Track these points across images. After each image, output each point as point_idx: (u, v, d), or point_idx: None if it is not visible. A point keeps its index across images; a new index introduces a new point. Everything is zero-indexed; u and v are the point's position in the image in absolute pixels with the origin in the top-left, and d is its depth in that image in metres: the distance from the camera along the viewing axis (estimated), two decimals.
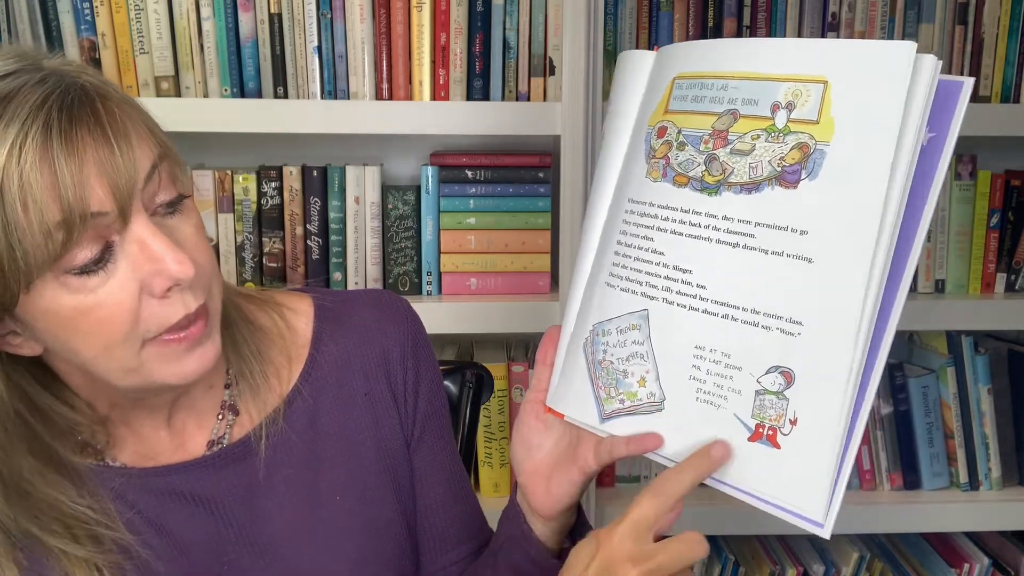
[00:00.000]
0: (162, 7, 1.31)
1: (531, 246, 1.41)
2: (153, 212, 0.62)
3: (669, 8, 1.40)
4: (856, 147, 0.57)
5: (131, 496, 0.70)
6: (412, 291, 1.43)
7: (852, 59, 0.58)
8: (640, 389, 0.65)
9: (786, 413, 0.59)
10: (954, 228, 1.47)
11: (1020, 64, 1.45)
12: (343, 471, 0.77)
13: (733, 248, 0.60)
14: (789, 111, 0.59)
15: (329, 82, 1.35)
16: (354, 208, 1.40)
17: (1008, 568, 1.54)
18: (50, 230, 0.56)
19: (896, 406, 1.48)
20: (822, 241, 0.58)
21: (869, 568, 1.56)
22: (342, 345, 0.79)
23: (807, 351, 0.58)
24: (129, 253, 0.60)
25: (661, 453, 0.65)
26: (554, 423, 0.73)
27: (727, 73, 0.62)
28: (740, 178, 0.60)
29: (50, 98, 0.57)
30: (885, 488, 1.51)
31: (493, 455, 1.45)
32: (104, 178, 0.57)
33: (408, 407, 0.80)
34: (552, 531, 0.75)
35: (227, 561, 0.72)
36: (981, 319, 1.46)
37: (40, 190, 0.55)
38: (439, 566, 0.82)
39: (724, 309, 0.61)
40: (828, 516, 0.60)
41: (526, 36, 1.36)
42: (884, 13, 1.42)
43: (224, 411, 0.75)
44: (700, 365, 0.62)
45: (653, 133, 0.66)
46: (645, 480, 1.54)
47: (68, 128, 0.57)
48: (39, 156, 0.55)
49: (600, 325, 0.68)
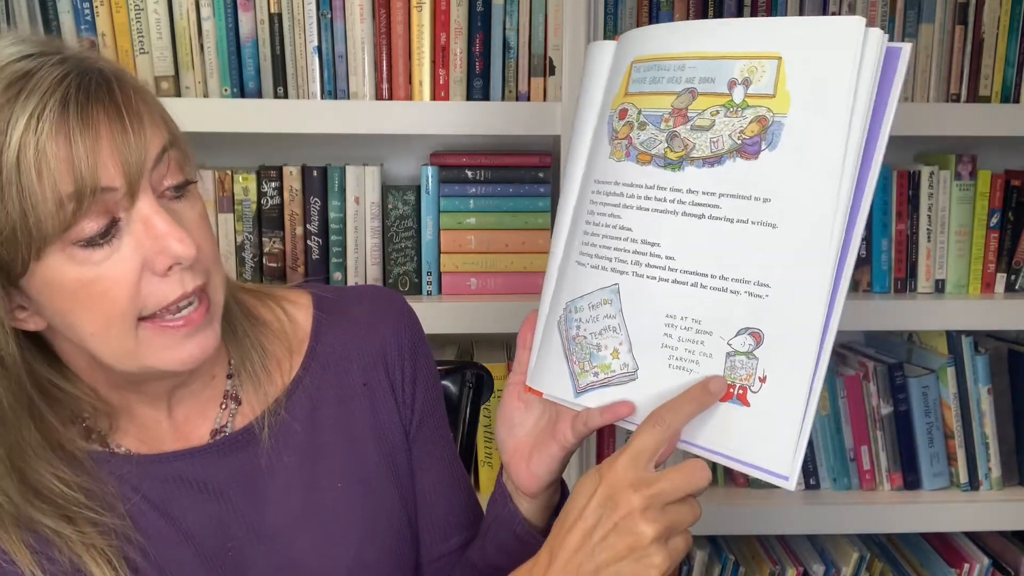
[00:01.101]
0: (162, 7, 1.31)
1: (531, 246, 1.41)
2: (160, 195, 0.64)
3: (669, 8, 1.40)
4: (812, 117, 0.60)
5: (136, 482, 0.71)
6: (412, 291, 1.43)
7: (805, 35, 0.61)
8: (614, 361, 0.68)
9: (755, 372, 0.62)
10: (954, 228, 1.47)
11: (1020, 64, 1.45)
12: (343, 459, 0.78)
13: (699, 219, 0.63)
14: (746, 87, 0.62)
15: (329, 82, 1.35)
16: (354, 208, 1.40)
17: (1008, 568, 1.54)
18: (62, 200, 0.58)
19: (896, 406, 1.48)
20: (784, 207, 0.61)
21: (869, 568, 1.56)
22: (341, 337, 0.81)
23: (776, 311, 0.61)
24: (134, 231, 0.62)
25: (635, 420, 0.67)
26: (534, 402, 0.75)
27: (683, 54, 0.65)
28: (702, 152, 0.63)
29: (69, 76, 0.60)
30: (885, 488, 1.51)
31: (493, 455, 1.45)
32: (116, 155, 0.60)
33: (406, 398, 0.82)
34: (537, 508, 0.77)
35: (231, 547, 0.73)
36: (981, 319, 1.46)
37: (55, 160, 0.58)
38: (437, 554, 0.84)
39: (693, 278, 0.64)
40: (793, 469, 0.62)
41: (526, 36, 1.36)
42: (884, 13, 1.42)
43: (227, 400, 0.76)
44: (671, 333, 0.65)
45: (615, 116, 0.69)
46: None
47: (85, 104, 0.59)
48: (56, 128, 0.58)
49: (573, 302, 0.70)
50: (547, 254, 1.40)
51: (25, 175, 0.58)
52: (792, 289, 0.61)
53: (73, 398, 0.69)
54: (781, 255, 0.61)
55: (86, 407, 0.70)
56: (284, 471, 0.76)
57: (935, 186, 1.45)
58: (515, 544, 0.77)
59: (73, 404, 0.70)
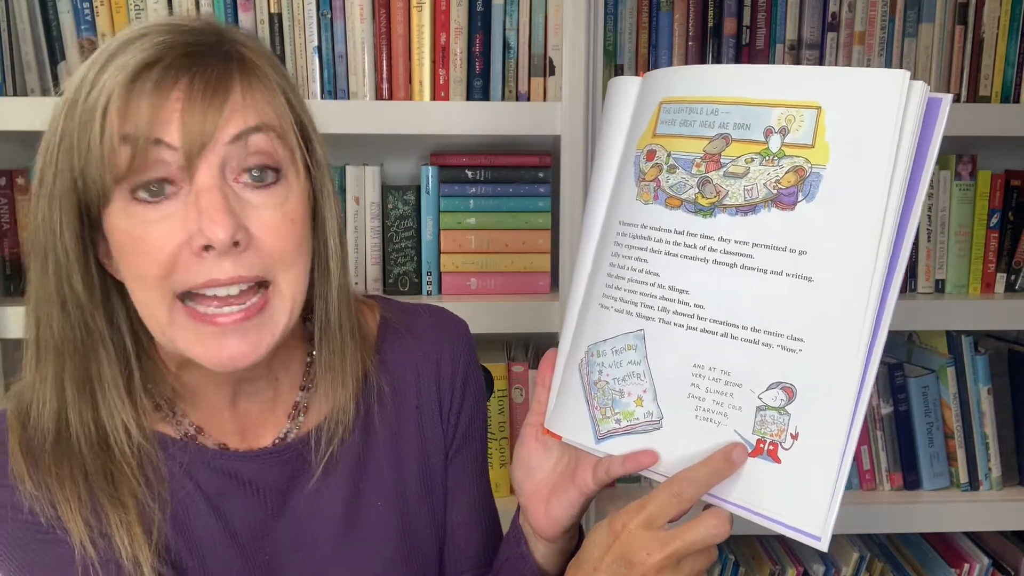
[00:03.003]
0: (162, 7, 1.31)
1: (531, 246, 1.41)
2: (236, 178, 0.64)
3: (669, 8, 1.40)
4: (853, 170, 0.59)
5: (194, 470, 0.72)
6: (412, 291, 1.43)
7: (847, 85, 0.60)
8: (637, 408, 0.66)
9: (787, 428, 0.60)
10: (954, 228, 1.47)
11: (1020, 64, 1.45)
12: (387, 478, 0.78)
13: (731, 268, 0.62)
14: (783, 135, 0.61)
15: (329, 82, 1.35)
16: (354, 208, 1.40)
17: (1008, 568, 1.54)
18: (116, 144, 0.60)
19: (896, 406, 1.48)
20: (822, 260, 0.59)
21: (869, 568, 1.56)
22: (400, 356, 0.81)
23: (809, 367, 0.60)
24: (187, 201, 0.62)
25: (658, 470, 0.66)
26: (553, 445, 0.74)
27: (716, 98, 0.64)
28: (735, 200, 0.62)
29: (167, 43, 0.62)
30: (885, 488, 1.51)
31: (493, 455, 1.45)
32: (182, 116, 0.61)
33: (451, 419, 0.82)
34: (552, 553, 0.76)
35: (270, 552, 0.74)
36: (981, 319, 1.46)
37: (121, 106, 0.60)
38: None
39: (723, 328, 0.62)
40: (825, 529, 0.60)
41: (526, 36, 1.36)
42: (884, 13, 1.42)
43: (297, 412, 0.76)
44: (699, 383, 0.63)
45: (642, 156, 0.67)
46: (645, 480, 1.53)
47: (173, 65, 0.61)
48: (135, 79, 0.61)
49: (595, 346, 0.68)
50: (547, 254, 1.41)
51: (96, 119, 0.61)
52: (827, 345, 0.59)
53: (147, 358, 0.70)
54: (817, 309, 0.59)
55: (158, 375, 0.71)
56: (331, 485, 0.76)
57: (935, 186, 1.45)
58: None
59: (148, 368, 0.70)
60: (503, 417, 1.44)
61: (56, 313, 0.65)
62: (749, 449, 0.62)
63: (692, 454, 0.64)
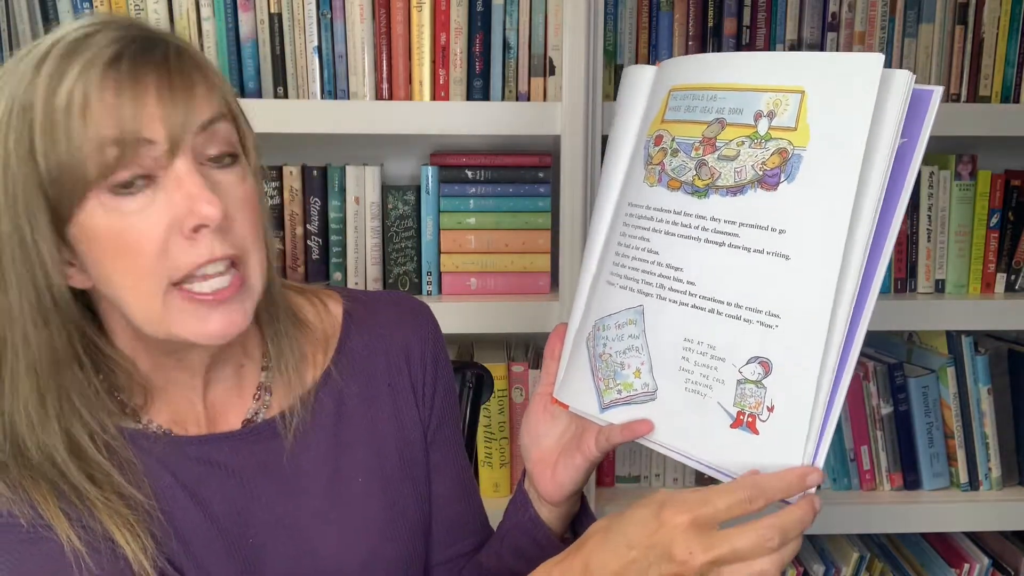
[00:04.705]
0: (162, 7, 1.31)
1: (531, 246, 1.41)
2: (202, 162, 0.65)
3: (669, 8, 1.40)
4: (827, 151, 0.61)
5: (167, 461, 0.72)
6: (412, 291, 1.43)
7: (826, 70, 0.62)
8: (635, 380, 0.70)
9: (764, 401, 0.63)
10: (954, 228, 1.47)
11: (1020, 64, 1.45)
12: (365, 455, 0.80)
13: (719, 247, 0.64)
14: (770, 119, 0.63)
15: (329, 82, 1.35)
16: (354, 208, 1.40)
17: (1008, 568, 1.54)
18: (104, 145, 0.61)
19: (896, 406, 1.48)
20: (797, 239, 0.61)
21: (869, 568, 1.56)
22: (368, 338, 0.83)
23: (784, 342, 0.62)
24: (167, 188, 0.63)
25: (653, 439, 0.69)
26: (560, 414, 0.77)
27: (716, 85, 0.67)
28: (726, 182, 0.65)
29: (124, 38, 0.63)
30: (885, 488, 1.51)
31: (493, 455, 1.45)
32: (161, 111, 0.62)
33: (426, 401, 0.85)
34: (557, 516, 0.80)
35: (252, 534, 0.75)
36: (981, 319, 1.46)
37: (100, 106, 0.61)
38: (446, 557, 0.86)
39: (711, 304, 0.65)
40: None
41: (526, 36, 1.36)
42: (884, 13, 1.42)
43: (260, 391, 0.78)
44: (688, 357, 0.66)
45: (651, 141, 0.71)
46: (645, 480, 1.54)
47: (136, 62, 0.62)
48: (104, 77, 0.61)
49: (601, 320, 0.72)
50: (547, 254, 1.41)
51: (73, 119, 0.60)
52: (798, 321, 0.61)
53: (114, 364, 0.71)
54: (791, 286, 0.62)
55: (123, 378, 0.72)
56: (308, 463, 0.77)
57: (935, 186, 1.45)
58: (535, 550, 0.78)
59: (112, 374, 0.71)
60: (503, 417, 1.44)
61: (32, 330, 0.65)
62: (730, 421, 0.64)
63: (681, 425, 0.67)
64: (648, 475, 1.53)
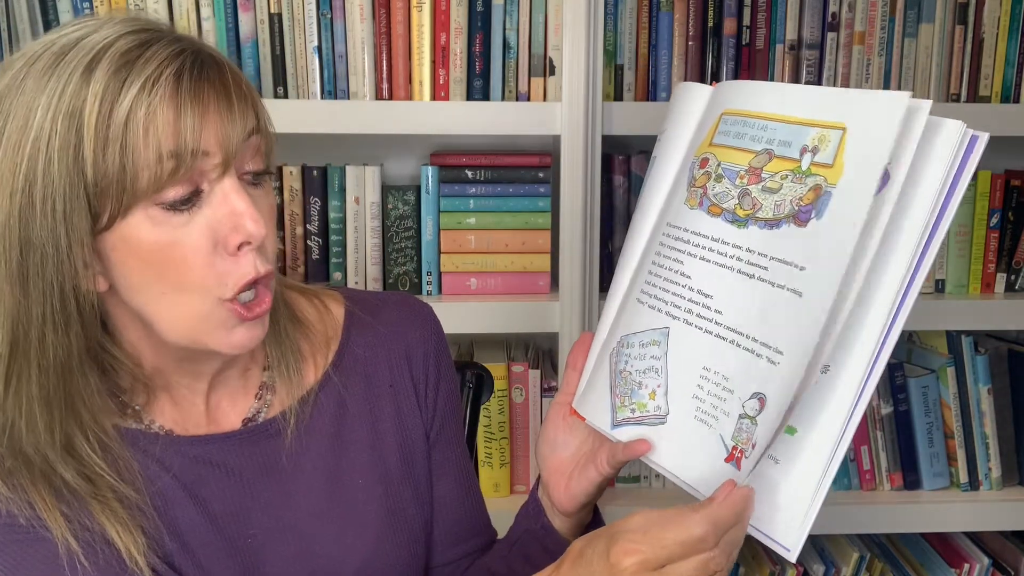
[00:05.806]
0: (162, 7, 1.31)
1: (531, 246, 1.41)
2: (240, 176, 0.66)
3: (669, 8, 1.40)
4: (847, 191, 0.60)
5: (166, 461, 0.73)
6: (412, 291, 1.43)
7: (860, 107, 0.61)
8: (650, 402, 0.69)
9: (752, 437, 0.62)
10: (954, 228, 1.47)
11: (1020, 64, 1.45)
12: (366, 455, 0.80)
13: (749, 279, 0.64)
14: (813, 154, 0.62)
15: (329, 82, 1.35)
16: (354, 208, 1.40)
17: (1008, 568, 1.54)
18: (162, 157, 0.61)
19: (896, 406, 1.48)
20: (812, 277, 0.61)
21: (869, 568, 1.56)
22: (369, 339, 0.83)
23: (779, 380, 0.61)
24: (213, 203, 0.64)
25: (656, 460, 0.68)
26: (578, 426, 0.77)
27: (769, 115, 0.66)
28: (766, 214, 0.64)
29: (184, 53, 0.64)
30: (885, 488, 1.51)
31: (493, 455, 1.45)
32: (220, 127, 0.63)
33: (428, 403, 0.85)
34: (569, 526, 0.79)
35: (251, 535, 0.75)
36: (981, 319, 1.46)
37: (163, 123, 0.61)
38: (448, 558, 0.86)
39: (732, 335, 0.64)
40: (780, 532, 0.62)
41: (526, 36, 1.36)
42: (884, 13, 1.42)
43: (262, 392, 0.78)
44: (703, 385, 0.66)
45: (697, 163, 0.70)
46: (645, 480, 1.54)
47: (198, 79, 0.63)
48: (169, 95, 0.62)
49: (626, 337, 0.71)
50: (547, 254, 1.42)
51: (132, 133, 0.60)
52: (791, 360, 0.60)
53: (118, 364, 0.71)
54: (796, 323, 0.61)
55: (127, 378, 0.72)
56: (308, 463, 0.78)
57: None
58: (546, 558, 0.77)
59: (114, 375, 0.71)
60: (503, 417, 1.44)
61: (51, 333, 0.65)
62: (725, 454, 0.64)
63: (684, 451, 0.66)
64: (648, 475, 1.53)
